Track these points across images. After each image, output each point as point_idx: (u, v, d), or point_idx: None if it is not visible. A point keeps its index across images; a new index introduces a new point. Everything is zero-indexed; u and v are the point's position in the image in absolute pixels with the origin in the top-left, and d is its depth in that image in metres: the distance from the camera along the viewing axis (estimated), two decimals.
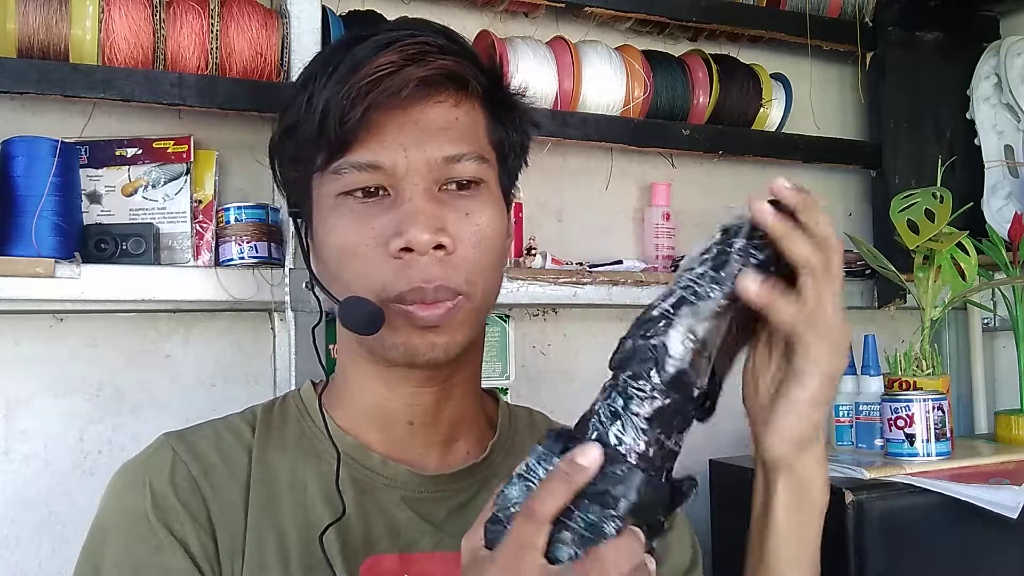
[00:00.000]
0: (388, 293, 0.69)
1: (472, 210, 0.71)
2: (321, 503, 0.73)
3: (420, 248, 0.68)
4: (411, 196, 0.69)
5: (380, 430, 0.77)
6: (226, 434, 0.76)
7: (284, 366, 1.21)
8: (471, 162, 0.71)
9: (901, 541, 1.11)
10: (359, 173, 0.70)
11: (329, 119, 0.68)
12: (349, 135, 0.69)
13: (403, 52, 0.69)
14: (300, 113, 0.72)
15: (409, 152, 0.69)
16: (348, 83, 0.68)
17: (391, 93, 0.68)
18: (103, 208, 1.16)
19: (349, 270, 0.71)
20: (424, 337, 0.70)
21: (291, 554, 0.71)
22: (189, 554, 0.69)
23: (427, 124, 0.70)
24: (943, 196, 1.32)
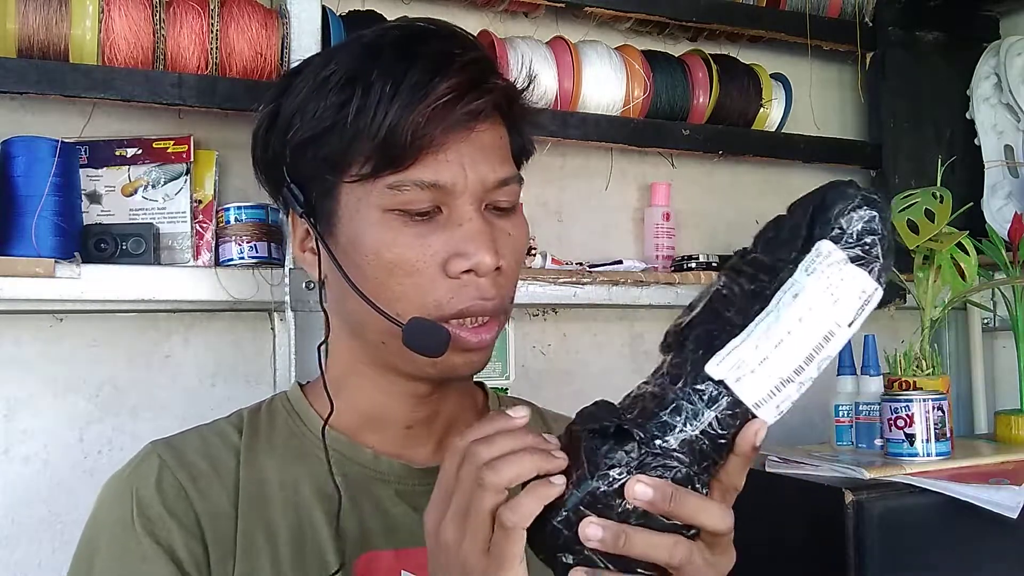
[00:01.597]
0: (444, 311, 0.69)
1: (511, 229, 0.73)
2: (313, 502, 0.73)
3: (484, 271, 0.69)
4: (469, 216, 0.70)
5: (377, 433, 0.77)
6: (213, 439, 0.76)
7: (284, 366, 1.21)
8: (515, 184, 0.74)
9: (901, 541, 1.11)
10: (420, 191, 0.69)
11: (396, 135, 0.67)
12: (413, 153, 0.68)
13: (465, 74, 0.69)
14: (342, 116, 0.69)
15: (468, 171, 0.70)
16: (420, 101, 0.67)
17: (465, 120, 0.69)
18: (103, 208, 1.16)
19: (400, 285, 0.70)
20: (466, 357, 0.72)
21: (282, 554, 0.71)
22: (176, 560, 0.68)
23: (482, 145, 0.71)
24: (943, 196, 1.32)
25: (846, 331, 0.55)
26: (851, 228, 0.55)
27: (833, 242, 0.55)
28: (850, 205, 0.55)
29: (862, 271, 0.55)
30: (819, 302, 0.54)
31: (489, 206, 0.72)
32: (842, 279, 0.54)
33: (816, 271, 0.55)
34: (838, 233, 0.55)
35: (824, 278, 0.54)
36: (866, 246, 0.55)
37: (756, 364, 0.54)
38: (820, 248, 0.55)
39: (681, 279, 1.44)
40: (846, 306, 0.55)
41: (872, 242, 0.55)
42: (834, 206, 0.56)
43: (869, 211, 0.55)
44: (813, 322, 0.54)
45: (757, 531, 1.27)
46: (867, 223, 0.55)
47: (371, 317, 0.71)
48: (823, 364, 0.55)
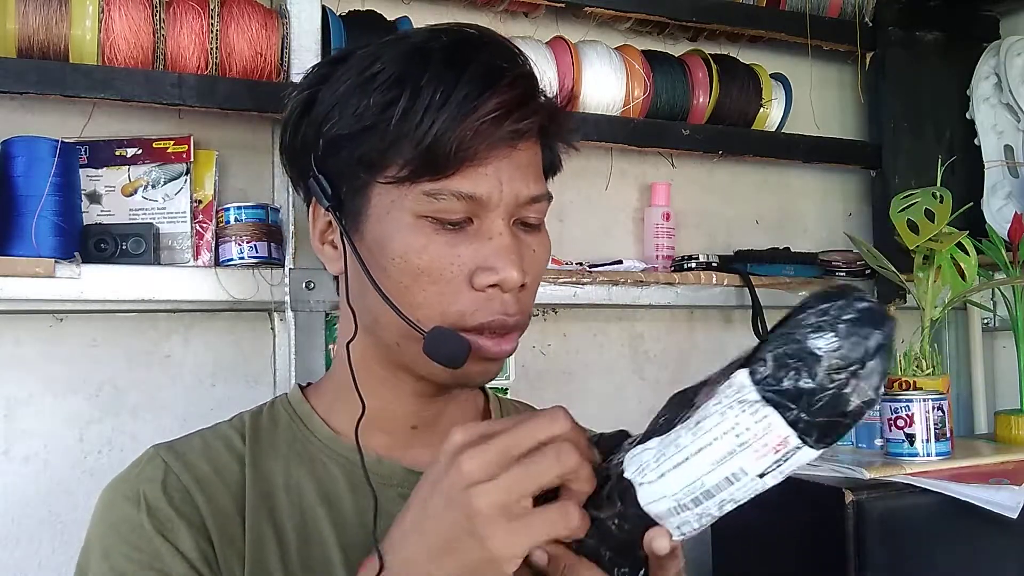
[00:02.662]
0: (466, 323, 0.70)
1: (536, 246, 0.74)
2: (318, 505, 0.73)
3: (511, 287, 0.70)
4: (500, 231, 0.70)
5: (382, 432, 0.77)
6: (216, 443, 0.76)
7: (284, 366, 1.20)
8: (544, 203, 0.74)
9: (901, 541, 1.11)
10: (456, 201, 0.69)
11: (442, 144, 0.67)
12: (457, 164, 0.69)
13: (514, 90, 0.70)
14: (385, 117, 0.69)
15: (504, 187, 0.70)
16: (469, 115, 0.68)
17: (511, 138, 0.69)
18: (103, 208, 1.16)
19: (423, 292, 0.70)
20: (483, 366, 0.72)
21: (291, 557, 0.71)
22: (187, 560, 0.69)
23: (519, 161, 0.72)
24: (943, 196, 1.32)
25: (756, 482, 0.46)
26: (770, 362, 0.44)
27: (751, 376, 0.44)
28: (814, 324, 0.43)
29: (781, 420, 0.44)
30: (723, 441, 0.46)
31: (518, 221, 0.73)
32: (754, 422, 0.45)
33: (723, 405, 0.46)
34: (768, 363, 0.44)
35: (731, 416, 0.45)
36: (805, 389, 0.43)
37: (655, 476, 0.49)
38: (734, 380, 0.45)
39: (681, 279, 1.45)
40: (756, 454, 0.45)
41: (823, 384, 0.43)
42: (796, 325, 0.44)
43: (837, 339, 0.43)
44: (715, 458, 0.46)
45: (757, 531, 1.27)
46: (832, 352, 0.43)
47: (389, 318, 0.71)
48: (726, 508, 0.48)
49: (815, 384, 0.43)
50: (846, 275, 1.59)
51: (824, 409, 0.43)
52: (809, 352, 0.43)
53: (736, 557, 1.32)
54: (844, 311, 0.43)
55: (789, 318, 0.45)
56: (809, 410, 0.43)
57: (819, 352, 0.43)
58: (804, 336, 0.43)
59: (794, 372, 0.43)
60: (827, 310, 0.43)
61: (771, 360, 0.44)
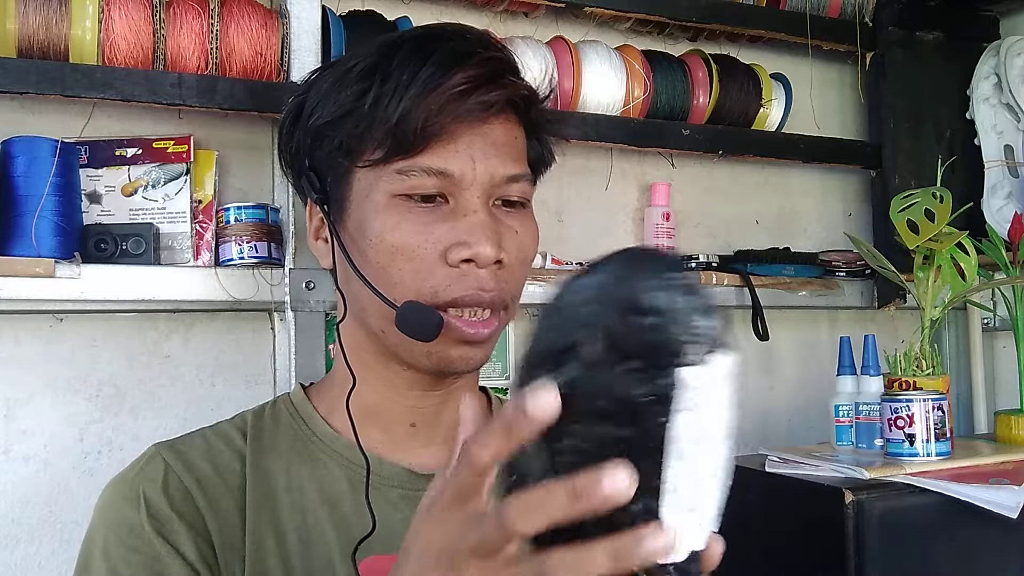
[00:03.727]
0: (439, 298, 0.70)
1: (519, 228, 0.74)
2: (319, 505, 0.73)
3: (484, 262, 0.70)
4: (475, 208, 0.71)
5: (381, 430, 0.77)
6: (217, 442, 0.76)
7: (284, 366, 1.20)
8: (525, 183, 0.75)
9: (901, 541, 1.11)
10: (427, 178, 0.70)
11: (408, 122, 0.69)
12: (424, 140, 0.70)
13: (481, 68, 0.71)
14: (360, 104, 0.71)
15: (477, 164, 0.71)
16: (431, 90, 0.69)
17: (477, 110, 0.70)
18: (103, 208, 1.16)
19: (400, 270, 0.71)
20: (462, 351, 0.72)
21: (292, 557, 0.71)
22: (186, 562, 0.69)
23: (494, 140, 0.73)
24: (943, 196, 1.32)
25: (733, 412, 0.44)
26: (692, 331, 0.42)
27: (690, 366, 0.42)
28: (673, 298, 0.42)
29: (728, 360, 0.43)
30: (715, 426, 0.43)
31: (498, 202, 0.73)
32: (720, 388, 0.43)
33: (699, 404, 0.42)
34: (689, 347, 0.42)
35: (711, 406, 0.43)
36: (709, 331, 0.42)
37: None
38: (683, 380, 0.41)
39: None
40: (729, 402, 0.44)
41: (709, 322, 0.42)
42: (662, 313, 0.42)
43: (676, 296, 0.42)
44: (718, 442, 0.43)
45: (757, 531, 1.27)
46: (694, 309, 0.42)
47: (372, 303, 0.72)
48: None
49: (699, 304, 0.42)
50: (846, 275, 1.59)
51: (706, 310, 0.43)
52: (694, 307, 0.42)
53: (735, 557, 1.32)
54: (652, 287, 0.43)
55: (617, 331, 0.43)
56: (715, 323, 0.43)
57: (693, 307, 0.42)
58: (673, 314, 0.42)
59: (696, 319, 0.42)
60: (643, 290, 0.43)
61: (688, 335, 0.43)
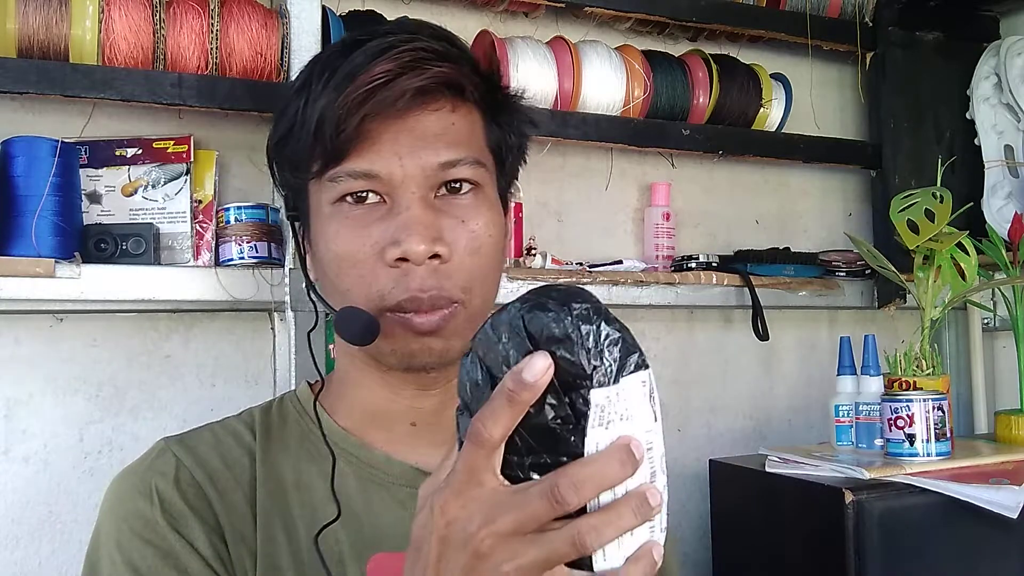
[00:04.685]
0: (386, 302, 0.70)
1: (468, 216, 0.72)
2: (327, 503, 0.73)
3: (416, 259, 0.69)
4: (408, 205, 0.70)
5: (382, 430, 0.77)
6: (226, 438, 0.76)
7: (284, 366, 1.21)
8: (467, 167, 0.72)
9: (901, 541, 1.11)
10: (355, 181, 0.70)
11: (325, 128, 0.69)
12: (345, 144, 0.69)
13: (399, 60, 0.69)
14: (296, 119, 0.72)
15: (404, 160, 0.70)
16: (344, 92, 0.68)
17: (387, 103, 0.68)
18: (103, 208, 1.16)
19: (347, 278, 0.71)
20: (421, 342, 0.71)
21: (303, 554, 0.71)
22: (201, 556, 0.69)
23: (422, 131, 0.71)
24: (943, 196, 1.32)
25: (658, 426, 0.47)
26: (598, 355, 0.45)
27: (600, 387, 0.45)
28: (568, 330, 0.45)
29: (637, 377, 0.45)
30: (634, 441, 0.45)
31: (443, 190, 0.72)
32: (632, 403, 0.45)
33: (613, 423, 0.45)
34: (598, 371, 0.45)
35: (625, 420, 0.45)
36: (618, 356, 0.45)
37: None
38: (595, 400, 0.45)
39: (681, 279, 1.45)
40: (648, 411, 0.46)
41: (618, 348, 0.45)
42: (563, 344, 0.45)
43: (575, 324, 0.45)
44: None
45: (757, 531, 1.27)
46: (596, 336, 0.45)
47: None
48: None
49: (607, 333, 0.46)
50: (846, 275, 1.59)
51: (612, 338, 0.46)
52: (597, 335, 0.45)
53: (736, 557, 1.32)
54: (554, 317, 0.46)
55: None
56: (626, 347, 0.46)
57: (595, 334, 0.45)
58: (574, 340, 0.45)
59: (604, 346, 0.45)
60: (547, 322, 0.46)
61: (594, 360, 0.46)
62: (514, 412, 0.45)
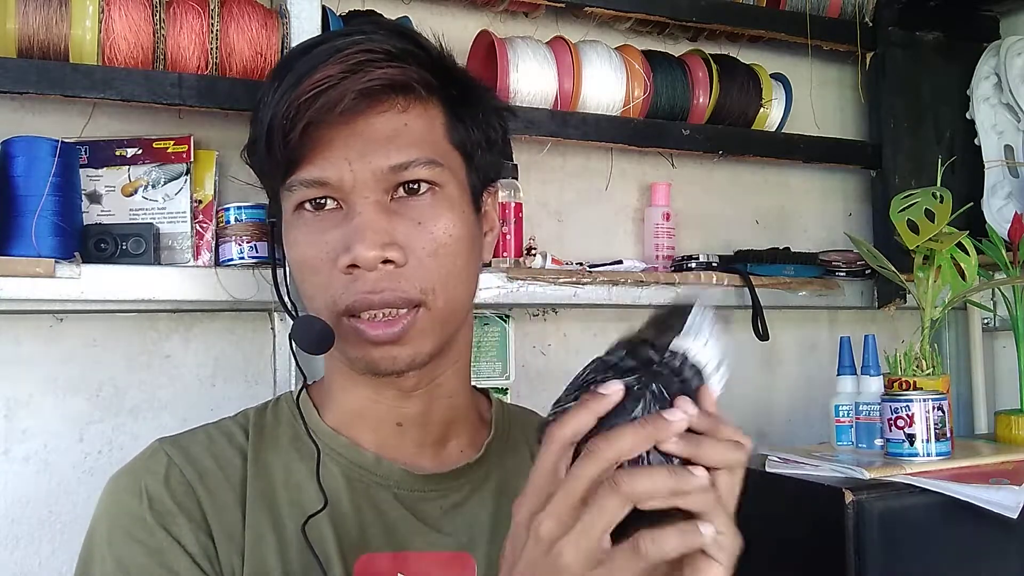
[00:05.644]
0: (338, 307, 0.70)
1: (425, 218, 0.71)
2: (316, 500, 0.74)
3: (366, 265, 0.68)
4: (360, 210, 0.69)
5: (370, 430, 0.78)
6: (219, 438, 0.76)
7: (284, 366, 1.21)
8: (421, 167, 0.70)
9: (901, 541, 1.11)
10: (308, 189, 0.70)
11: (274, 137, 0.69)
12: (294, 153, 0.69)
13: (344, 63, 0.68)
14: (256, 129, 0.73)
15: (354, 165, 0.69)
16: (289, 100, 0.68)
17: (330, 108, 0.67)
18: (103, 208, 1.16)
19: (308, 284, 0.72)
20: (382, 351, 0.71)
21: (290, 552, 0.71)
22: (188, 554, 0.69)
23: (372, 135, 0.70)
24: (943, 196, 1.32)
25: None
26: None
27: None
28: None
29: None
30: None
31: (400, 194, 0.71)
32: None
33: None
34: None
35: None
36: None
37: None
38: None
39: (681, 279, 1.44)
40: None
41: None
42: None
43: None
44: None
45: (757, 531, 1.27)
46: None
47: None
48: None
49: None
50: (846, 275, 1.59)
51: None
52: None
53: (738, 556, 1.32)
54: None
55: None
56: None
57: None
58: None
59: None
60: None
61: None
62: (587, 416, 0.57)
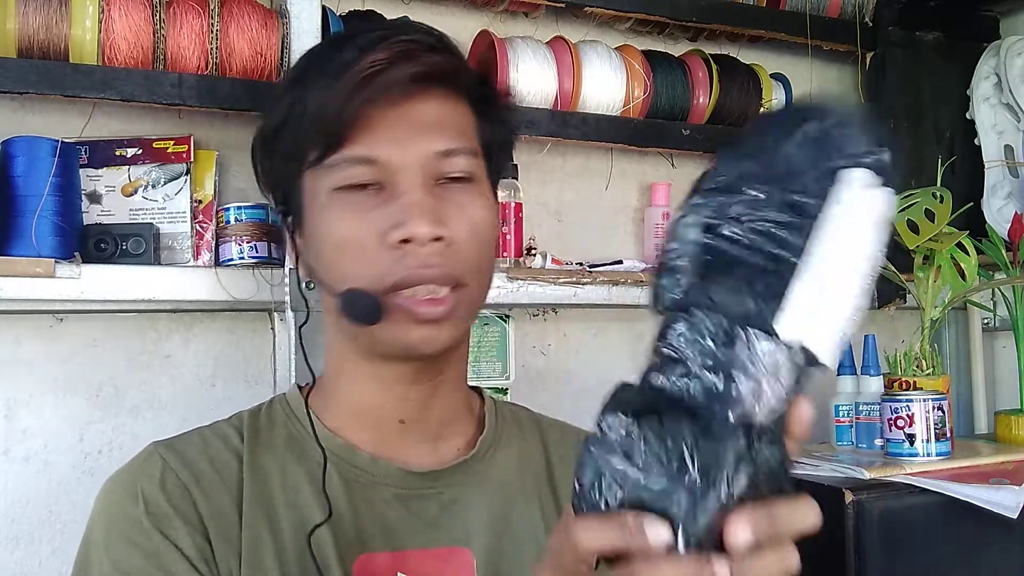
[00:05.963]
0: (386, 282, 0.70)
1: (465, 204, 0.73)
2: (313, 503, 0.74)
3: (420, 239, 0.69)
4: (408, 189, 0.70)
5: (370, 429, 0.77)
6: (214, 441, 0.76)
7: (284, 366, 1.21)
8: (463, 157, 0.73)
9: (901, 541, 1.11)
10: (354, 167, 0.71)
11: (324, 114, 0.70)
12: (344, 130, 0.70)
13: (391, 50, 0.70)
14: (291, 110, 0.73)
15: (403, 146, 0.71)
16: (342, 79, 0.69)
17: (384, 89, 0.69)
18: (103, 208, 1.16)
19: (346, 262, 0.71)
20: (423, 331, 0.71)
21: (288, 555, 0.71)
22: (185, 557, 0.69)
23: (419, 119, 0.72)
24: (943, 196, 1.32)
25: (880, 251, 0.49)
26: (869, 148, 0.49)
27: (863, 168, 0.49)
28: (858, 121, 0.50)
29: (888, 191, 0.50)
30: (862, 235, 0.48)
31: (441, 180, 0.72)
32: (873, 202, 0.49)
33: (852, 203, 0.48)
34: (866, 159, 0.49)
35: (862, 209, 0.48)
36: (885, 163, 0.50)
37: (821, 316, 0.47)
38: (852, 177, 0.48)
39: None
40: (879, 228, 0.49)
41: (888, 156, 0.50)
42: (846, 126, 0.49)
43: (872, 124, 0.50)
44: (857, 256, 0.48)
45: None
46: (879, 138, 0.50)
47: (332, 301, 0.73)
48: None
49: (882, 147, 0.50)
50: None
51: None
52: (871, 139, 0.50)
53: None
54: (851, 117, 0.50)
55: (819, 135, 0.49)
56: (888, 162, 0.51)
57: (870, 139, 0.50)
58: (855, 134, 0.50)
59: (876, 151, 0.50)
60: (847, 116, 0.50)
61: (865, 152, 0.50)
62: (617, 542, 0.45)
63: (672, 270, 0.50)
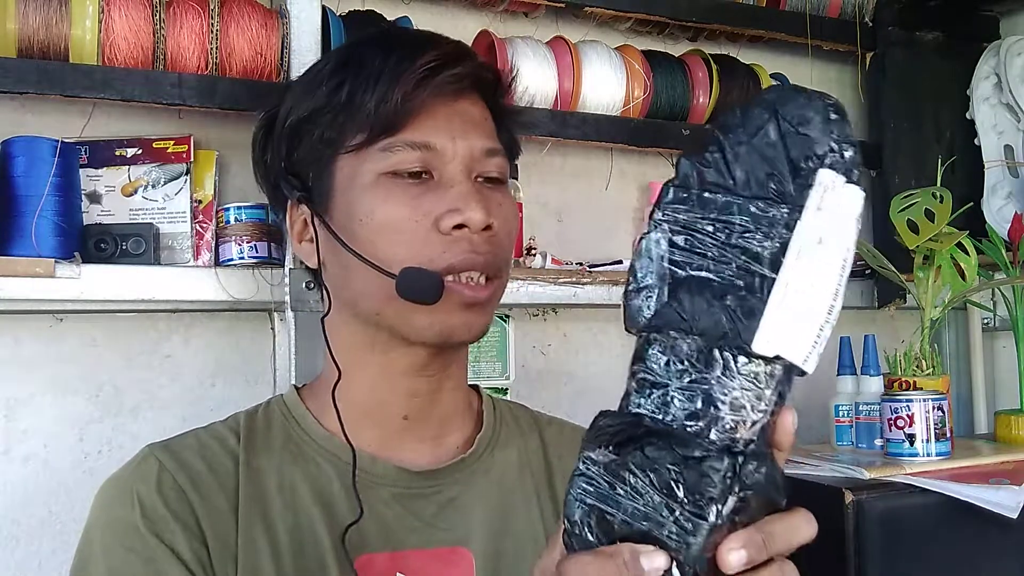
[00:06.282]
0: (436, 265, 0.71)
1: (500, 201, 0.76)
2: (312, 505, 0.74)
3: (475, 226, 0.72)
4: (459, 180, 0.74)
5: (374, 427, 0.77)
6: (211, 443, 0.76)
7: (284, 366, 1.21)
8: (500, 157, 0.77)
9: (901, 541, 1.11)
10: (411, 152, 0.73)
11: (388, 100, 0.72)
12: (404, 116, 0.73)
13: (442, 50, 0.75)
14: (337, 95, 0.74)
15: (457, 139, 0.74)
16: (405, 71, 0.73)
17: (442, 85, 0.74)
18: (103, 208, 1.16)
19: (392, 245, 0.72)
20: (463, 316, 0.73)
21: (284, 557, 0.71)
22: (181, 561, 0.69)
23: (467, 116, 0.76)
24: (943, 196, 1.32)
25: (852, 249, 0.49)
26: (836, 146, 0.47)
27: (832, 169, 0.47)
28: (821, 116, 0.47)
29: (857, 188, 0.47)
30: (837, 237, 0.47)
31: (479, 177, 0.76)
32: (845, 201, 0.47)
33: (826, 207, 0.46)
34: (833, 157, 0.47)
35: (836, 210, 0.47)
36: (853, 159, 0.47)
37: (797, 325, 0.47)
38: (822, 179, 0.47)
39: None
40: (852, 227, 0.48)
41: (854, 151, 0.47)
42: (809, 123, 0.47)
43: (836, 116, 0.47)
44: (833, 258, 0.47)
45: None
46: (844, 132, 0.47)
47: (368, 286, 0.73)
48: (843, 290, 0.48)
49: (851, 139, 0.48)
50: None
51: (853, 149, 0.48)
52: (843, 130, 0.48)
53: None
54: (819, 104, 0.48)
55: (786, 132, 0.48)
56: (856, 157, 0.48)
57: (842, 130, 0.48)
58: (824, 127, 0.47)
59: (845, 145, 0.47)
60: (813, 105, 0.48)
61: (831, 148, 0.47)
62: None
63: (641, 289, 0.49)
